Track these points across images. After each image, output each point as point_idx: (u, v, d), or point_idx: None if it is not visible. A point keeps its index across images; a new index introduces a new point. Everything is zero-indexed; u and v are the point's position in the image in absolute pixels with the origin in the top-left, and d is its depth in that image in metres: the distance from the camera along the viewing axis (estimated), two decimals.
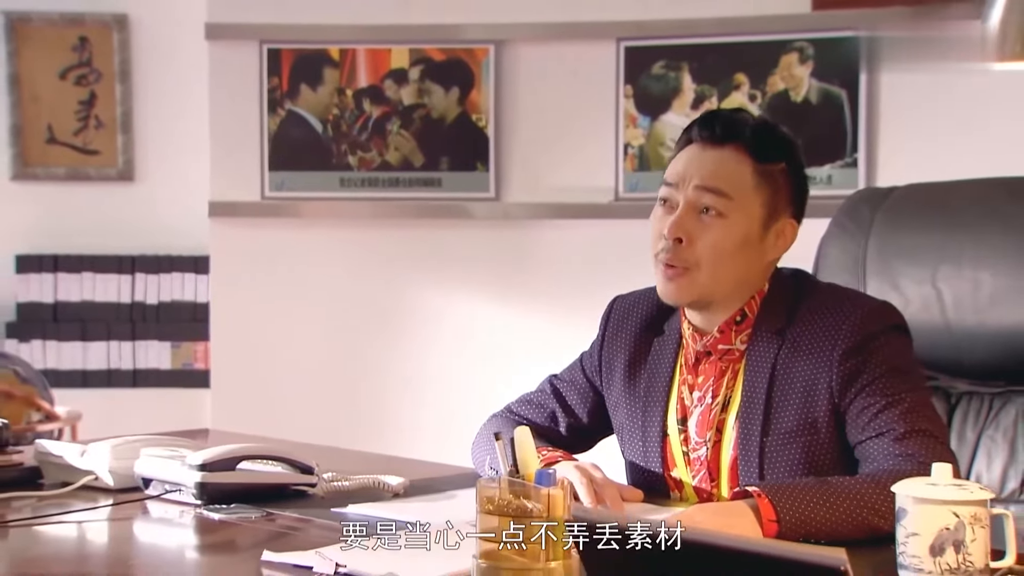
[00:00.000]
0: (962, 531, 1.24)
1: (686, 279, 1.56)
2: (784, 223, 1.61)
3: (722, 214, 1.56)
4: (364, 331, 3.36)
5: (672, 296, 1.59)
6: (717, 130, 1.58)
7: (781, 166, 1.60)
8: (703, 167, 1.58)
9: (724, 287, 1.58)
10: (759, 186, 1.58)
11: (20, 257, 3.51)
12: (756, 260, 1.59)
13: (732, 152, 1.58)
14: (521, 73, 3.29)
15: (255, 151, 3.34)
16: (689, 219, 1.56)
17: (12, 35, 3.47)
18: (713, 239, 1.56)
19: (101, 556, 1.62)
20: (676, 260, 1.56)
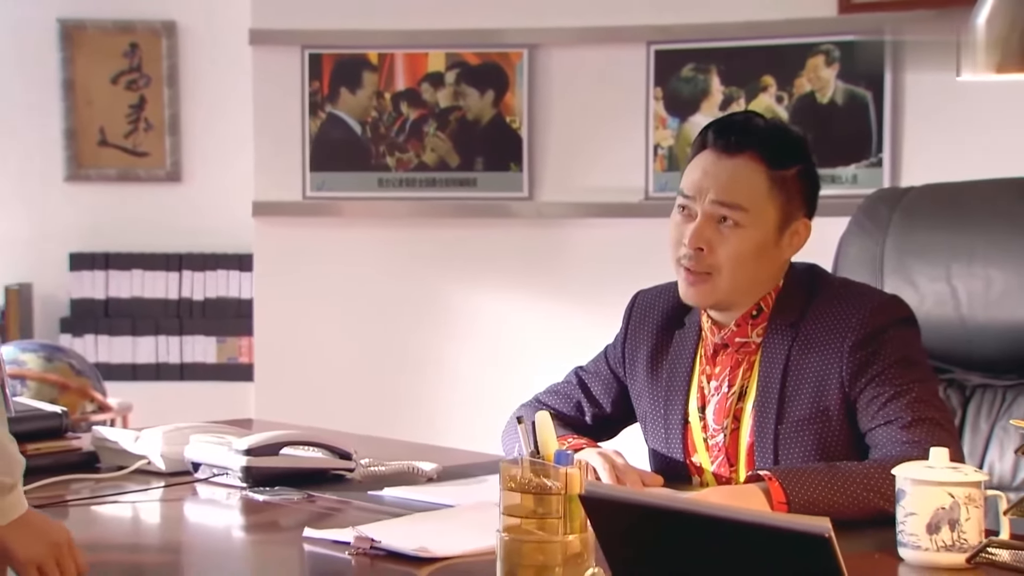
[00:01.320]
0: (957, 511, 1.32)
1: (708, 285, 1.63)
2: (798, 223, 1.66)
3: (739, 224, 1.62)
4: (401, 326, 3.42)
5: (694, 300, 1.66)
6: (732, 139, 1.63)
7: (794, 170, 1.66)
8: (719, 179, 1.63)
9: (742, 289, 1.65)
10: (773, 194, 1.63)
11: (73, 255, 3.59)
12: (773, 262, 1.66)
13: (747, 161, 1.63)
14: (554, 76, 3.33)
15: (297, 152, 3.40)
16: (708, 229, 1.62)
17: (67, 42, 3.55)
18: (732, 248, 1.62)
19: (154, 534, 1.71)
20: (697, 267, 1.63)
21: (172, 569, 1.57)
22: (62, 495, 1.70)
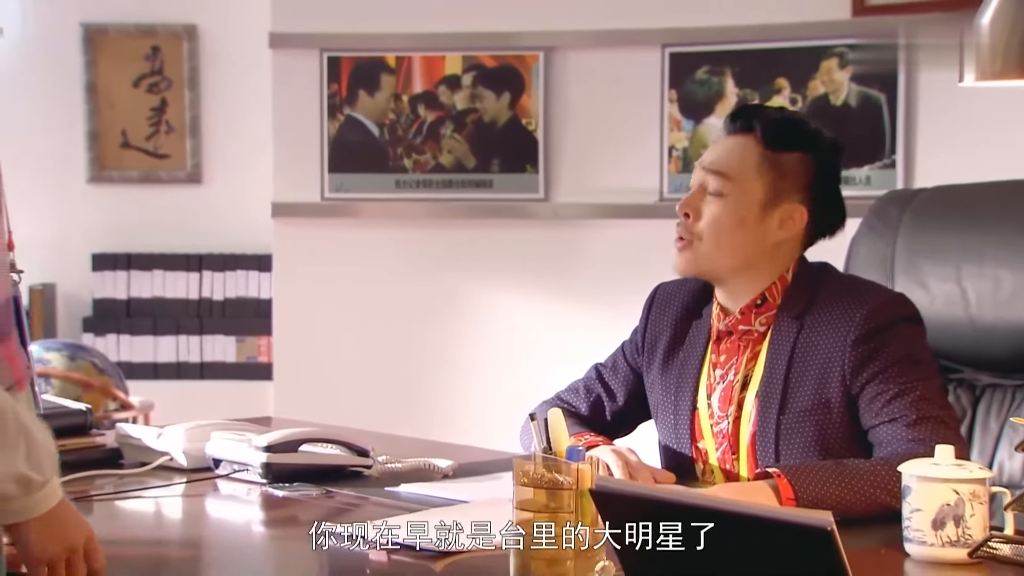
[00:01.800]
0: (962, 507, 1.34)
1: (689, 251, 1.69)
2: (792, 208, 1.69)
3: (721, 193, 1.68)
4: (418, 325, 3.44)
5: (679, 266, 1.72)
6: (738, 122, 1.71)
7: (796, 155, 1.69)
8: (716, 151, 1.71)
9: (725, 260, 1.69)
10: (762, 171, 1.68)
11: (96, 256, 3.63)
12: (756, 239, 1.69)
13: (746, 138, 1.70)
14: (570, 78, 3.35)
15: (315, 154, 3.43)
16: (697, 197, 1.70)
17: (89, 46, 3.59)
18: (711, 214, 1.68)
19: (176, 528, 1.75)
20: (684, 233, 1.70)
21: (193, 562, 1.60)
22: (86, 490, 1.74)
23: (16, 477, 1.21)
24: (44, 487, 1.23)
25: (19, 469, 1.21)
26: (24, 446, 1.21)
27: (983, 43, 1.25)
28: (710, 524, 1.03)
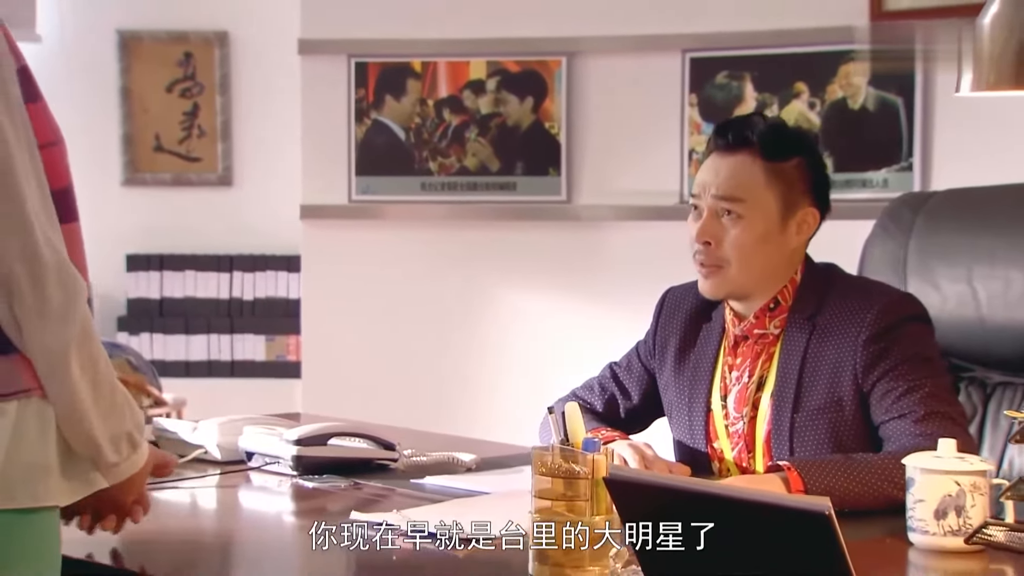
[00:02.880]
0: (963, 498, 1.40)
1: (719, 276, 1.72)
2: (805, 212, 1.74)
3: (740, 215, 1.71)
4: (442, 324, 3.47)
5: (709, 291, 1.75)
6: (729, 138, 1.73)
7: (794, 161, 1.73)
8: (719, 176, 1.73)
9: (754, 277, 1.73)
10: (771, 184, 1.72)
11: (130, 256, 3.67)
12: (780, 250, 1.73)
13: (743, 156, 1.72)
14: (592, 83, 3.37)
15: (343, 157, 3.46)
16: (713, 223, 1.72)
17: (124, 52, 3.64)
18: (735, 239, 1.71)
19: (211, 518, 1.81)
20: (708, 260, 1.73)
21: (227, 550, 1.66)
22: None
23: (127, 437, 1.30)
24: (142, 445, 1.33)
25: (127, 428, 1.30)
26: (127, 407, 1.31)
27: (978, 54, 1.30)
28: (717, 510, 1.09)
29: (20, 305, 1.23)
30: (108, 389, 1.30)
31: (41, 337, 1.25)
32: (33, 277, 1.23)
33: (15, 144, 1.23)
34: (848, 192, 3.14)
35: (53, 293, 1.24)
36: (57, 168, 1.30)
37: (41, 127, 1.29)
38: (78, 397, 1.27)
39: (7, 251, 1.23)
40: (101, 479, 1.32)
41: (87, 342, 1.28)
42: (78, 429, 1.28)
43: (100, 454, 1.29)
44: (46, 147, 1.29)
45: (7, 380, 1.26)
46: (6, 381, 1.26)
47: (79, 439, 1.28)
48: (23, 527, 1.27)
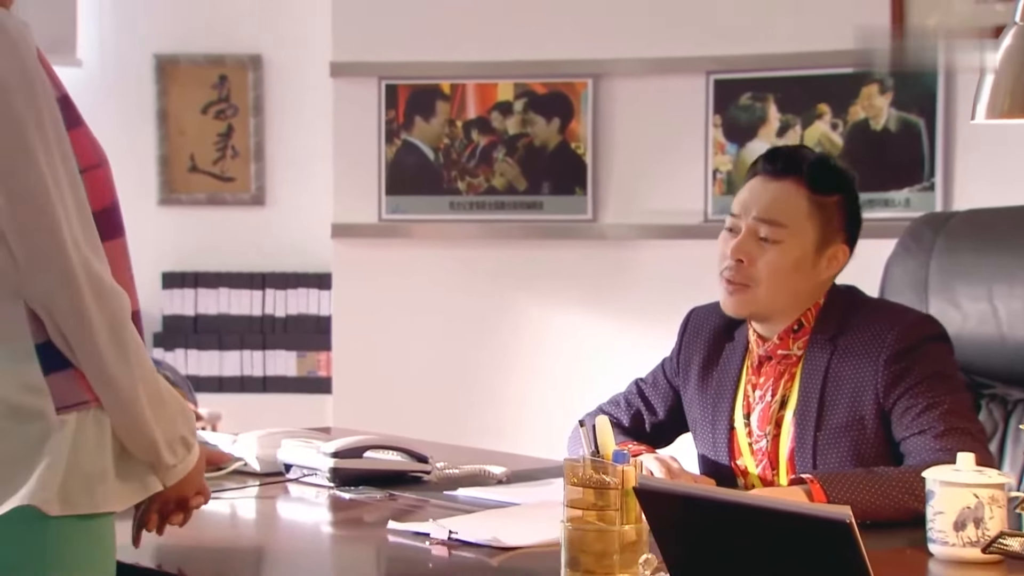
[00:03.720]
0: (981, 510, 1.44)
1: (746, 295, 1.76)
2: (837, 248, 1.78)
3: (778, 240, 1.74)
4: (471, 341, 3.50)
5: (732, 309, 1.78)
6: (779, 165, 1.76)
7: (836, 198, 1.78)
8: (762, 199, 1.76)
9: (779, 302, 1.77)
10: (812, 215, 1.76)
11: (165, 274, 3.67)
12: (808, 280, 1.77)
13: (790, 184, 1.76)
14: (617, 104, 3.40)
15: (373, 177, 3.48)
16: (749, 242, 1.76)
17: (161, 75, 3.67)
18: (770, 261, 1.74)
19: (250, 528, 1.86)
20: (737, 277, 1.76)
21: (266, 558, 1.72)
22: None
23: (181, 440, 1.37)
24: (195, 447, 1.39)
25: (181, 432, 1.37)
26: (180, 413, 1.37)
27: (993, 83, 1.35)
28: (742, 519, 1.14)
29: (66, 327, 1.30)
30: (161, 396, 1.36)
31: (97, 360, 1.30)
32: (70, 299, 1.29)
33: (49, 173, 1.29)
34: (871, 211, 3.13)
35: (94, 314, 1.29)
36: (101, 189, 1.36)
37: (83, 151, 1.34)
38: (137, 408, 1.33)
39: (45, 277, 1.29)
40: (155, 483, 1.38)
41: (138, 354, 1.34)
42: (138, 437, 1.34)
43: (159, 458, 1.36)
44: (89, 170, 1.34)
45: (66, 393, 1.32)
46: (65, 394, 1.32)
47: (139, 446, 1.35)
48: (82, 532, 1.33)
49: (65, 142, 1.32)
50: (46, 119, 1.30)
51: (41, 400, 1.31)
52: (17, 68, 1.29)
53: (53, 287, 1.29)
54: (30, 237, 1.29)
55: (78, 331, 1.30)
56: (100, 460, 1.33)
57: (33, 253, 1.29)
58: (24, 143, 1.28)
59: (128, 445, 1.35)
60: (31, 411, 1.30)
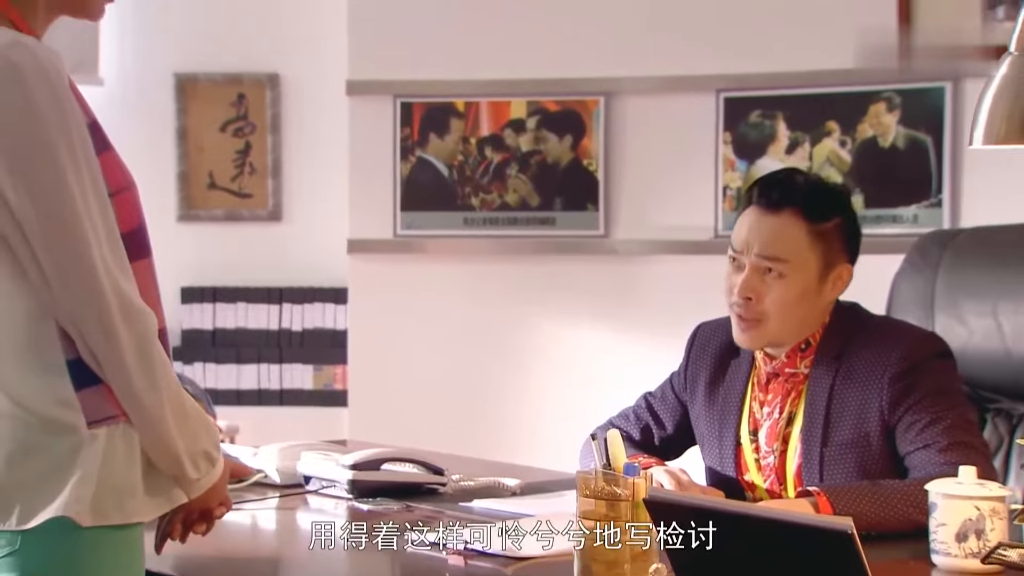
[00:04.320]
0: (982, 522, 1.47)
1: (758, 330, 1.79)
2: (841, 269, 1.81)
3: (783, 275, 1.76)
4: (485, 354, 3.53)
5: (746, 343, 1.81)
6: (774, 197, 1.78)
7: (834, 222, 1.80)
8: (762, 235, 1.77)
9: (790, 329, 1.80)
10: (814, 245, 1.77)
11: (184, 289, 3.70)
12: (817, 304, 1.80)
13: (788, 217, 1.77)
14: (628, 122, 3.44)
15: (388, 193, 3.52)
16: (755, 280, 1.77)
17: (181, 94, 3.71)
18: (777, 296, 1.76)
19: (271, 538, 1.91)
20: (748, 314, 1.78)
21: (287, 568, 1.76)
22: None
23: (204, 455, 1.41)
24: (219, 461, 1.44)
25: (205, 447, 1.41)
26: (203, 429, 1.42)
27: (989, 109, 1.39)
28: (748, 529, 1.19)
29: (95, 345, 1.34)
30: (186, 413, 1.41)
31: (124, 377, 1.35)
32: (100, 318, 1.33)
33: (79, 196, 1.33)
34: (879, 227, 3.20)
35: (122, 333, 1.34)
36: (129, 211, 1.40)
37: (112, 175, 1.39)
38: (162, 423, 1.37)
39: (75, 296, 1.33)
40: (180, 496, 1.43)
41: (164, 372, 1.39)
42: (163, 451, 1.39)
43: (183, 472, 1.40)
44: (118, 193, 1.39)
45: (96, 408, 1.36)
46: (95, 409, 1.36)
47: (164, 460, 1.40)
48: (113, 542, 1.38)
49: (95, 166, 1.37)
50: (76, 144, 1.35)
51: (73, 415, 1.35)
52: (49, 95, 1.34)
53: (83, 307, 1.33)
54: (61, 258, 1.34)
55: (106, 349, 1.34)
56: (130, 473, 1.38)
57: (64, 273, 1.34)
58: (56, 167, 1.33)
59: (154, 459, 1.40)
60: (64, 425, 1.35)
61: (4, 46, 1.34)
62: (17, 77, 1.32)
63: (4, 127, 1.33)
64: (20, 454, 1.35)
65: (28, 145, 1.32)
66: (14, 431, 1.36)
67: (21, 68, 1.33)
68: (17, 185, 1.33)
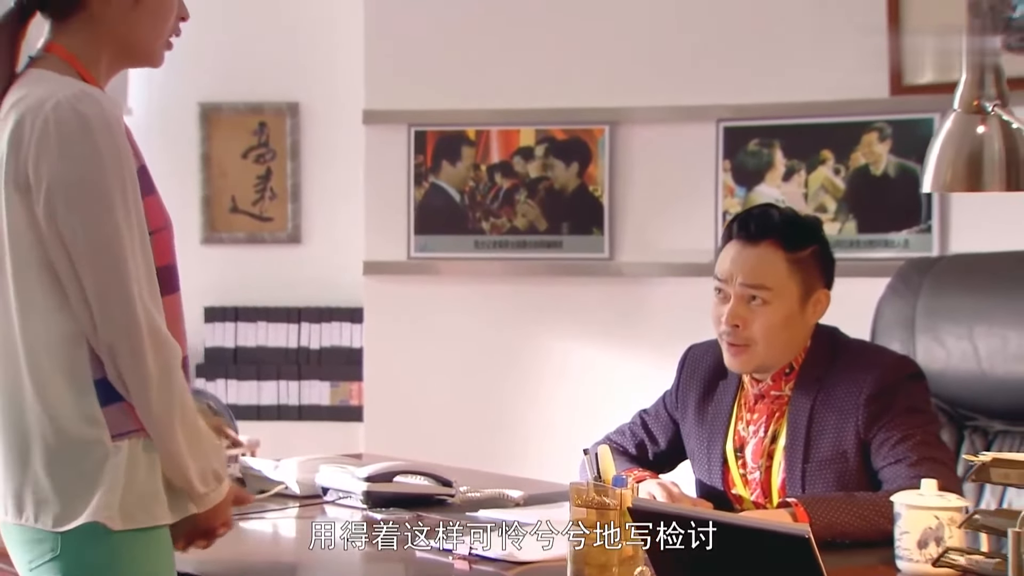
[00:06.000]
0: (942, 530, 1.60)
1: (747, 354, 1.91)
2: (820, 294, 1.93)
3: (767, 301, 1.88)
4: (495, 372, 3.57)
5: (737, 368, 1.93)
6: (753, 229, 1.90)
7: (810, 250, 1.93)
8: (745, 265, 1.89)
9: (776, 353, 1.92)
10: (793, 272, 1.90)
11: (207, 308, 3.78)
12: (799, 328, 1.92)
13: (767, 248, 1.89)
14: (632, 150, 3.48)
15: (403, 217, 3.58)
16: (741, 308, 1.89)
17: (205, 122, 3.81)
18: (763, 321, 1.88)
19: (291, 545, 2.03)
20: (736, 340, 1.90)
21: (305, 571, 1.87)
22: None
23: (213, 473, 1.55)
24: (225, 481, 1.57)
25: (213, 466, 1.55)
26: (212, 449, 1.55)
27: (936, 158, 1.54)
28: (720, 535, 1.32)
29: (124, 368, 1.47)
30: (198, 434, 1.54)
31: (145, 399, 1.48)
32: (132, 345, 1.46)
33: (127, 234, 1.47)
34: (871, 251, 3.31)
35: (150, 360, 1.47)
36: (164, 249, 1.55)
37: (154, 215, 1.53)
38: (174, 443, 1.51)
39: (112, 323, 1.47)
40: (192, 506, 1.56)
41: (181, 398, 1.52)
42: (174, 466, 1.52)
43: (192, 487, 1.53)
44: (156, 232, 1.53)
45: (120, 423, 1.50)
46: (119, 423, 1.50)
47: (175, 473, 1.53)
48: (143, 543, 1.52)
49: (140, 207, 1.51)
50: (128, 187, 1.49)
51: (99, 430, 1.49)
52: (111, 145, 1.48)
53: (118, 333, 1.47)
54: (104, 288, 1.47)
55: (134, 373, 1.47)
56: (152, 480, 1.51)
57: (105, 302, 1.47)
58: (110, 208, 1.47)
59: (166, 472, 1.52)
60: (91, 439, 1.49)
61: (73, 97, 1.48)
62: (85, 127, 1.46)
63: (70, 170, 1.46)
64: (55, 464, 1.49)
65: (89, 187, 1.46)
66: (49, 443, 1.49)
67: (89, 119, 1.47)
68: (74, 221, 1.47)
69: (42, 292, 1.49)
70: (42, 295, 1.49)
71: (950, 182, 1.45)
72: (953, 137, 1.47)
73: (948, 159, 1.47)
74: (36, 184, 1.48)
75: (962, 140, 1.46)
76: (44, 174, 1.47)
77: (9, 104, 1.53)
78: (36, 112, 1.49)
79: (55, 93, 1.49)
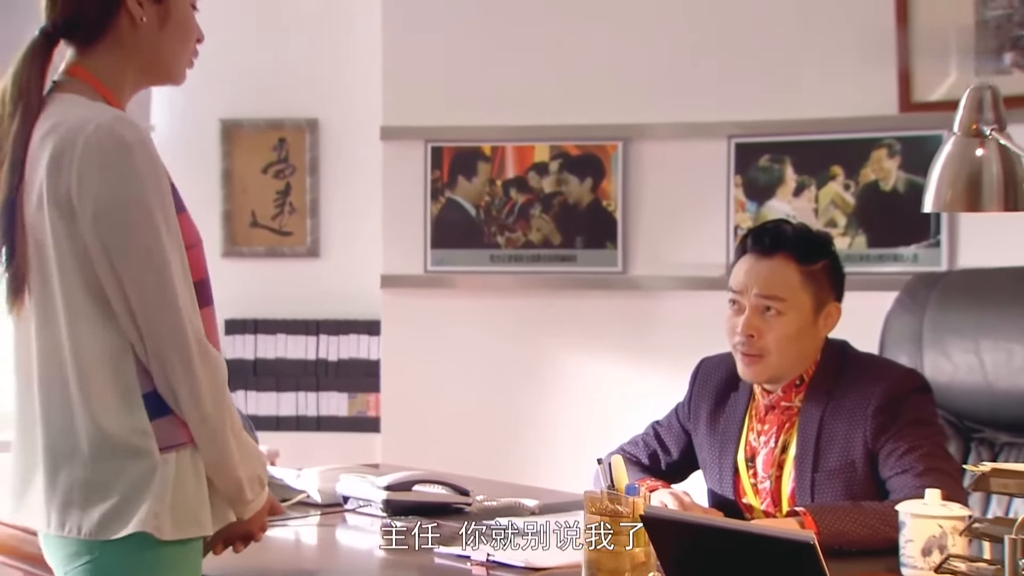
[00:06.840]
0: (945, 538, 1.65)
1: (761, 364, 1.96)
2: (831, 307, 1.99)
3: (780, 312, 1.94)
4: (510, 383, 3.61)
5: (751, 377, 1.99)
6: (767, 243, 1.96)
7: (822, 264, 1.98)
8: (759, 277, 1.95)
9: (789, 364, 1.97)
10: (805, 285, 1.96)
11: (228, 321, 3.81)
12: (811, 340, 1.97)
13: (781, 260, 1.95)
14: (645, 165, 3.52)
15: (420, 232, 3.63)
16: (756, 318, 1.95)
17: (226, 138, 3.86)
18: (777, 332, 1.94)
19: (313, 552, 2.07)
20: (751, 350, 1.95)
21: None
22: None
23: (258, 478, 1.60)
24: (266, 486, 1.62)
25: (257, 472, 1.60)
26: (257, 456, 1.60)
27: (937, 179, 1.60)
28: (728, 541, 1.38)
29: (175, 381, 1.52)
30: (246, 442, 1.60)
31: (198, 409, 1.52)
32: (181, 355, 1.51)
33: (170, 249, 1.53)
34: (881, 266, 3.35)
35: (199, 370, 1.52)
36: (197, 264, 1.60)
37: (187, 232, 1.58)
38: (229, 453, 1.56)
39: (162, 337, 1.52)
40: (231, 514, 1.61)
41: (231, 407, 1.58)
42: (227, 476, 1.57)
43: (241, 494, 1.59)
44: (191, 248, 1.58)
45: (168, 435, 1.55)
46: (168, 436, 1.55)
47: (226, 483, 1.58)
48: (185, 553, 1.57)
49: (176, 224, 1.57)
50: (168, 206, 1.55)
51: (148, 442, 1.53)
52: (149, 164, 1.54)
53: (168, 346, 1.52)
54: (152, 303, 1.52)
55: (186, 384, 1.52)
56: (199, 491, 1.56)
57: (154, 317, 1.52)
58: (152, 226, 1.52)
59: (216, 482, 1.57)
60: (141, 451, 1.53)
61: (110, 122, 1.54)
62: (126, 149, 1.52)
63: (114, 192, 1.52)
64: (104, 475, 1.54)
65: (133, 208, 1.52)
66: (99, 456, 1.54)
67: (128, 141, 1.53)
68: (119, 240, 1.52)
69: (89, 307, 1.54)
70: (89, 309, 1.54)
71: (950, 202, 1.51)
72: (953, 159, 1.53)
73: (948, 180, 1.53)
74: (80, 206, 1.53)
75: (961, 162, 1.52)
76: (89, 196, 1.52)
77: (45, 129, 1.58)
78: (76, 136, 1.54)
79: (93, 118, 1.55)
